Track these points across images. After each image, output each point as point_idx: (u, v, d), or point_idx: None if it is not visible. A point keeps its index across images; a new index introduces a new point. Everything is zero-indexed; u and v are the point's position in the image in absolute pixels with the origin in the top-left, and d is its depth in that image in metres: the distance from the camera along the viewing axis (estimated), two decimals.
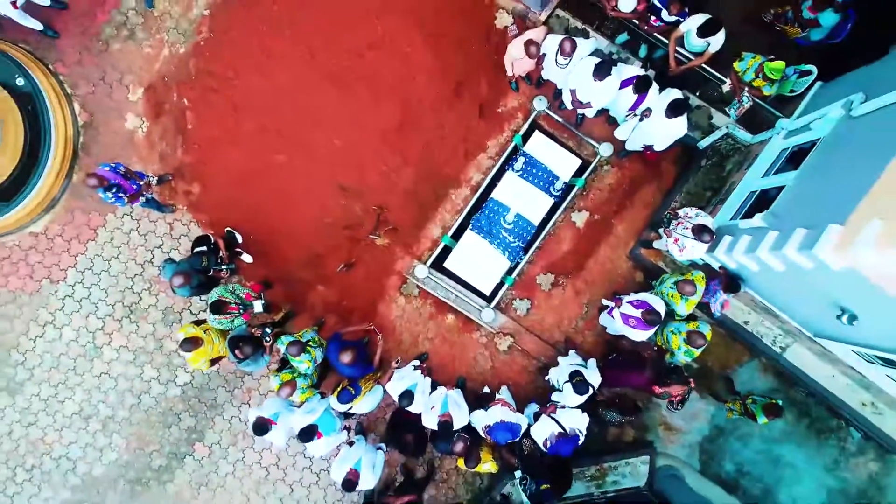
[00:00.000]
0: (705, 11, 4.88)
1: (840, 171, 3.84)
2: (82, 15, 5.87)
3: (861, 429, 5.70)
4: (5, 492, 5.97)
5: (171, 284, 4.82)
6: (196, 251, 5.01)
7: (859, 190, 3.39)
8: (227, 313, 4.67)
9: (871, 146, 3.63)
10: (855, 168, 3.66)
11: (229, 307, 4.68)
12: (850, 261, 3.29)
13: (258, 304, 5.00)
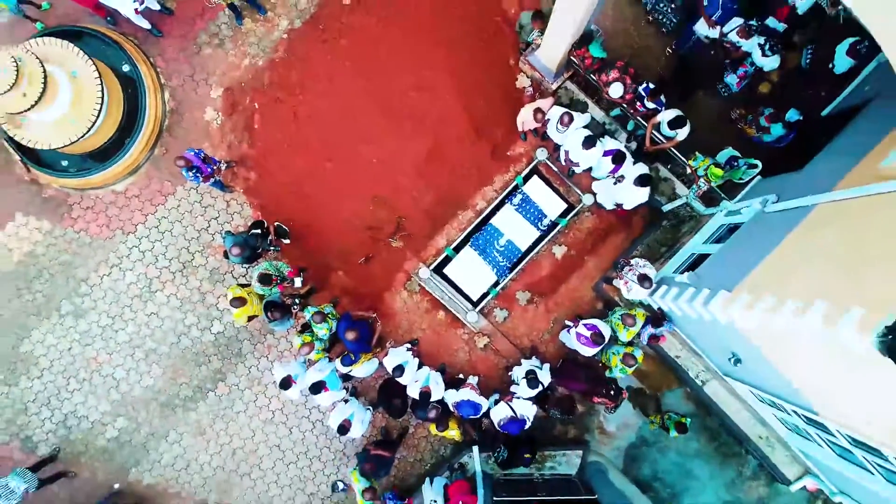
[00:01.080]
0: (689, 104, 6.28)
1: (745, 251, 5.21)
2: (184, 22, 7.26)
3: (757, 458, 7.06)
4: (58, 395, 7.34)
5: (229, 252, 6.21)
6: (252, 232, 6.39)
7: (748, 268, 4.76)
8: (271, 283, 6.05)
9: (767, 237, 4.99)
10: (753, 251, 5.02)
11: (273, 279, 6.06)
12: (730, 318, 4.66)
13: (298, 280, 6.39)
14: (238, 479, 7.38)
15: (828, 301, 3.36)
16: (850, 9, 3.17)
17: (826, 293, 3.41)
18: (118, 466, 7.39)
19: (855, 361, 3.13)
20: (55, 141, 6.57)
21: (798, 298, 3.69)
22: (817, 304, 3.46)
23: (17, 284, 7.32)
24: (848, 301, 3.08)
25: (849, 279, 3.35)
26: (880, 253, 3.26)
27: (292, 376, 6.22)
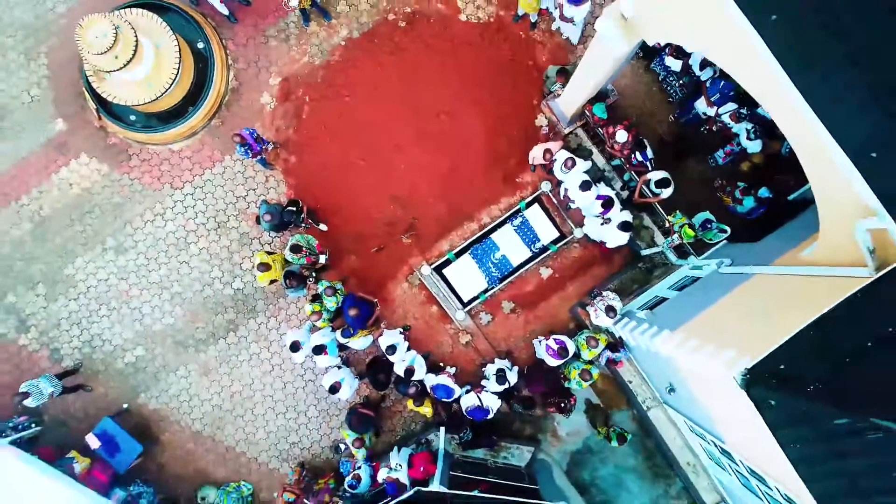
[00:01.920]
0: (681, 166, 7.34)
1: (695, 301, 6.27)
2: (258, 14, 8.32)
3: (682, 481, 8.13)
4: (89, 318, 8.40)
5: (262, 218, 7.26)
6: (288, 208, 7.45)
7: (692, 315, 5.83)
8: (300, 253, 7.11)
9: (713, 292, 6.05)
10: (700, 301, 6.08)
11: (303, 250, 7.12)
12: (668, 353, 5.72)
13: (323, 257, 7.47)
14: (232, 418, 8.43)
15: (732, 348, 4.41)
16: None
17: (732, 342, 4.46)
18: (129, 389, 8.44)
19: (732, 394, 4.16)
20: (131, 99, 7.63)
21: (714, 344, 4.75)
22: (726, 351, 4.51)
23: (72, 215, 8.38)
24: (739, 349, 4.12)
25: (745, 331, 4.39)
26: (767, 315, 4.30)
27: (300, 342, 7.30)
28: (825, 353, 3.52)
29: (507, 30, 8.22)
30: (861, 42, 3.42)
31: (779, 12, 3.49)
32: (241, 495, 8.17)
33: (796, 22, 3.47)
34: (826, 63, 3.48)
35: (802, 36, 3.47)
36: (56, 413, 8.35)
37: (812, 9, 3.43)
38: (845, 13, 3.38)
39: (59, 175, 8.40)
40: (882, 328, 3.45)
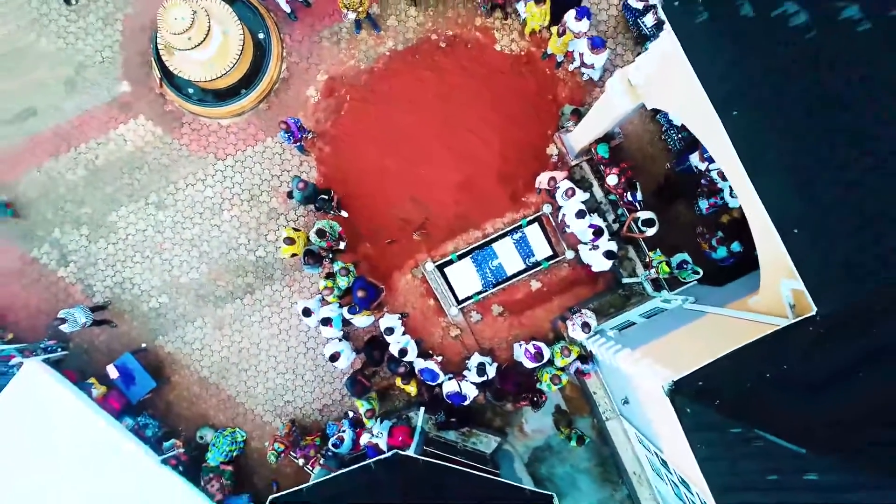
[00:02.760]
0: (669, 209, 8.36)
1: (657, 328, 7.29)
2: (316, 16, 9.34)
3: (628, 489, 9.15)
4: (124, 262, 9.41)
5: (296, 187, 8.26)
6: (321, 196, 8.46)
7: (651, 339, 6.84)
8: (324, 237, 8.13)
9: (673, 323, 7.07)
10: (661, 329, 7.10)
11: (326, 234, 8.14)
12: (626, 368, 6.73)
13: (343, 244, 8.49)
14: (237, 371, 9.45)
15: (670, 367, 5.42)
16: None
17: (672, 362, 5.47)
18: (150, 331, 9.45)
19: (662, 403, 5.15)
20: (193, 75, 8.65)
21: (660, 363, 5.76)
22: (665, 369, 5.52)
23: (123, 169, 9.41)
24: (674, 368, 5.12)
25: (684, 354, 5.39)
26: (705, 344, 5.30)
27: (311, 308, 8.33)
28: (732, 377, 4.52)
29: (534, 65, 9.24)
30: (797, 141, 4.42)
31: (739, 109, 4.50)
32: (235, 440, 9.18)
33: (751, 119, 4.47)
34: (768, 153, 4.49)
35: (753, 130, 4.48)
36: (81, 342, 9.37)
37: (763, 113, 4.43)
38: (788, 118, 4.38)
39: (118, 131, 9.42)
40: (779, 365, 4.46)
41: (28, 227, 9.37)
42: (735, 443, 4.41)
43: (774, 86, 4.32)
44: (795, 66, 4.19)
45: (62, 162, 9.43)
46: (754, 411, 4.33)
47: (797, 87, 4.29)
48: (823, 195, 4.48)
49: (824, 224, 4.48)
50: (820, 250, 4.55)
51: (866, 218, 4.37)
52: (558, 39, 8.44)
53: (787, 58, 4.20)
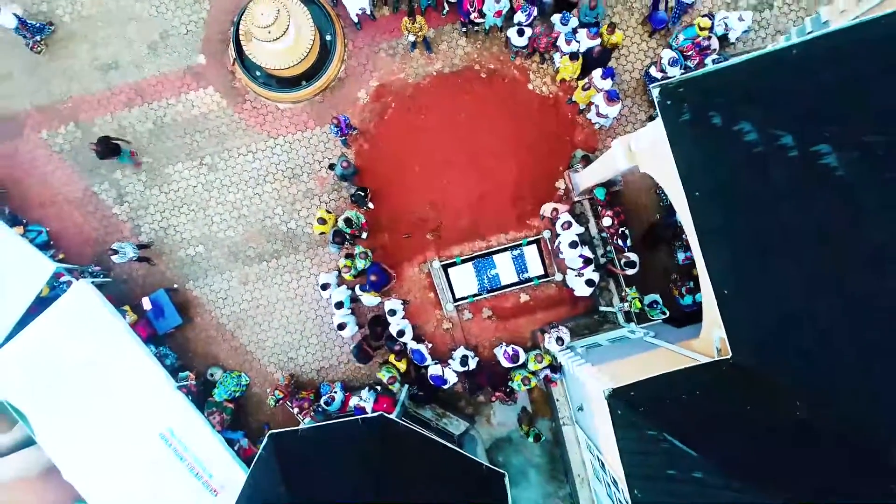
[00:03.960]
0: (652, 254, 9.81)
1: (618, 352, 8.72)
2: (379, 29, 10.77)
3: (570, 488, 10.59)
4: (171, 210, 10.82)
5: (340, 164, 9.69)
6: (358, 191, 9.89)
7: (611, 360, 8.27)
8: (350, 226, 9.57)
9: (631, 350, 8.51)
10: (620, 353, 8.53)
11: (352, 223, 9.57)
12: (584, 380, 8.16)
13: (365, 234, 9.95)
14: (252, 323, 10.87)
15: (616, 380, 6.83)
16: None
17: (618, 377, 6.88)
18: (182, 275, 10.87)
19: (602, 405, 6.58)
20: (265, 62, 10.06)
21: (609, 377, 7.19)
22: (611, 381, 6.94)
23: (186, 129, 10.83)
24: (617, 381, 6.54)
25: (629, 372, 6.82)
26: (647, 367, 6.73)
27: (329, 283, 9.78)
28: (657, 392, 5.95)
29: (559, 107, 10.68)
30: (736, 225, 5.85)
31: (700, 192, 5.93)
32: (240, 382, 10.61)
33: (707, 201, 5.90)
34: (715, 230, 5.92)
35: (707, 210, 5.91)
36: (121, 273, 10.79)
37: (716, 199, 5.86)
38: (732, 207, 5.81)
39: (188, 96, 10.84)
40: (692, 390, 5.89)
41: (95, 164, 10.78)
42: (648, 442, 5.85)
43: (727, 182, 5.75)
44: (744, 170, 5.62)
45: (134, 113, 10.84)
46: (667, 420, 5.76)
47: (745, 187, 5.72)
48: (751, 271, 5.92)
49: (749, 293, 5.91)
50: (743, 311, 5.99)
51: (782, 295, 5.81)
52: (583, 92, 9.89)
53: (739, 162, 5.63)
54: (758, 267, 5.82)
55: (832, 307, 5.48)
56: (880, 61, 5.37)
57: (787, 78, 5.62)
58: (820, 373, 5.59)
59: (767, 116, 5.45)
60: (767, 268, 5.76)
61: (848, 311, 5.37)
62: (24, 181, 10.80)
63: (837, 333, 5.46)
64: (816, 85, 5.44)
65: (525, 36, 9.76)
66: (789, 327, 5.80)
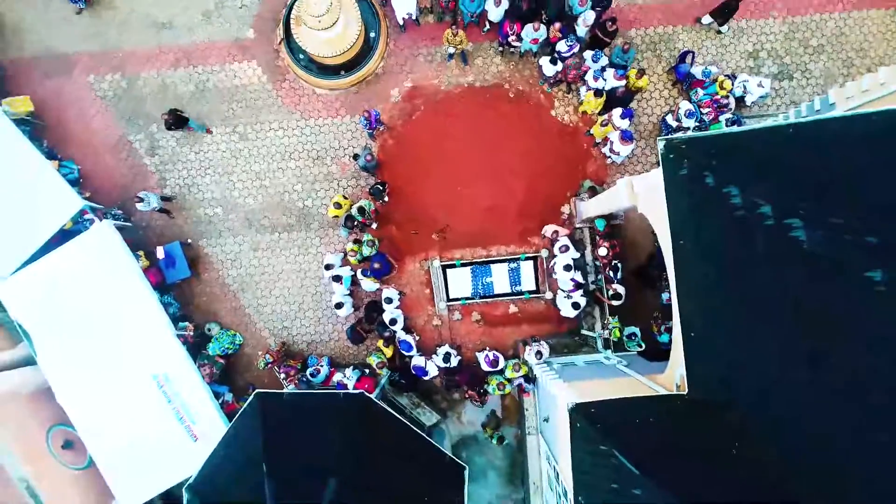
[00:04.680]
0: (641, 289, 10.46)
1: (590, 372, 9.37)
2: (421, 35, 11.42)
3: (525, 494, 11.24)
4: (198, 171, 11.48)
5: (364, 156, 10.35)
6: (377, 185, 10.55)
7: (581, 378, 8.92)
8: (363, 214, 10.23)
9: (601, 373, 9.15)
10: (592, 374, 9.18)
11: (365, 212, 10.23)
12: (554, 393, 8.81)
13: (374, 224, 10.60)
14: (254, 288, 11.53)
15: (581, 396, 7.48)
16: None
17: (584, 394, 7.53)
18: (197, 231, 11.53)
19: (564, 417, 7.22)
20: (310, 47, 10.72)
21: (577, 393, 7.83)
22: (576, 397, 7.59)
23: (224, 96, 11.50)
24: (582, 397, 7.19)
25: (595, 392, 7.47)
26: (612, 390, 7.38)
27: (333, 264, 10.44)
28: (615, 413, 6.60)
29: (577, 137, 11.33)
30: (711, 277, 6.50)
31: (684, 241, 6.58)
32: (234, 341, 11.27)
33: (689, 250, 6.55)
34: (691, 276, 6.58)
35: (687, 258, 6.56)
36: (141, 220, 11.45)
37: (695, 250, 6.52)
38: (708, 260, 6.46)
39: (232, 66, 11.51)
40: (647, 416, 6.55)
41: (134, 114, 11.44)
42: (599, 455, 6.50)
43: (709, 237, 6.40)
44: (726, 229, 6.26)
45: (178, 75, 11.51)
46: (619, 439, 6.42)
47: (724, 244, 6.37)
48: (717, 320, 6.57)
49: (712, 339, 6.56)
50: (704, 355, 6.64)
51: (741, 346, 6.45)
52: (601, 127, 10.54)
53: (722, 221, 6.27)
54: (724, 317, 6.46)
55: (784, 363, 6.13)
56: (863, 154, 6.01)
57: (778, 153, 6.25)
58: (761, 420, 6.23)
59: (753, 185, 6.09)
60: (733, 319, 6.41)
61: (797, 369, 6.01)
62: (66, 119, 11.46)
63: (785, 387, 6.11)
64: (801, 164, 6.08)
65: (558, 65, 10.41)
66: (742, 375, 6.45)
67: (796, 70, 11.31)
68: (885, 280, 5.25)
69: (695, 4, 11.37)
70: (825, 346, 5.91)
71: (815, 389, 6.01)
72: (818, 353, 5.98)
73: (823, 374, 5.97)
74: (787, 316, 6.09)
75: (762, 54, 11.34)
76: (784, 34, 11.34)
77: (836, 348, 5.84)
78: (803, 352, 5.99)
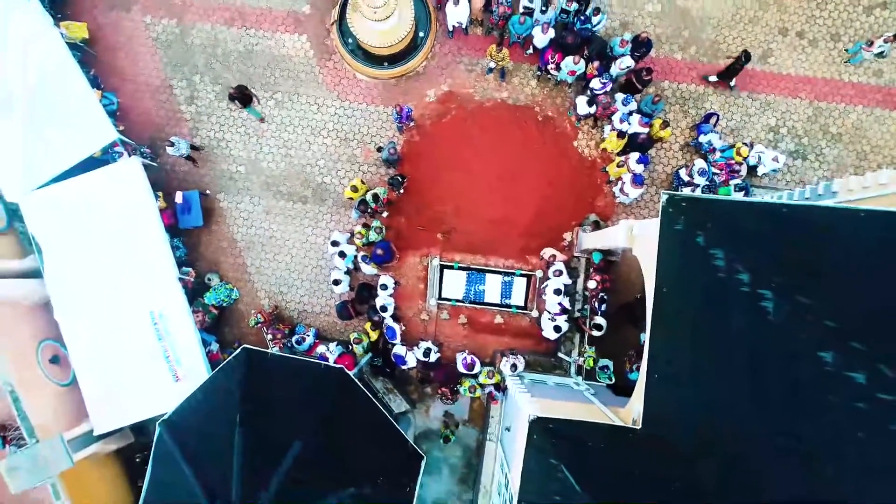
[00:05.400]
0: (624, 325, 11.03)
1: (557, 393, 9.94)
2: (466, 44, 11.98)
3: (473, 495, 11.80)
4: (231, 128, 12.02)
5: (388, 149, 10.93)
6: (397, 176, 11.11)
7: (548, 397, 9.48)
8: (376, 201, 10.79)
9: (568, 396, 9.72)
10: (559, 396, 9.74)
11: (379, 199, 10.79)
12: (521, 406, 9.37)
13: (385, 213, 11.16)
14: (260, 250, 12.07)
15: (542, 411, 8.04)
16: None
17: (545, 410, 8.09)
18: (218, 185, 12.08)
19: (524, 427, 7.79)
20: (360, 35, 11.27)
21: (538, 407, 8.39)
22: (535, 409, 8.15)
23: (269, 63, 12.05)
24: (544, 412, 7.76)
25: (555, 409, 8.03)
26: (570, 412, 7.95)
27: (339, 242, 11.01)
28: (569, 432, 7.18)
29: (594, 172, 11.90)
30: (680, 328, 7.06)
31: (668, 289, 7.14)
32: (230, 295, 11.81)
33: (669, 298, 7.12)
34: (665, 324, 7.14)
35: (666, 305, 7.12)
36: (166, 163, 12.00)
37: (673, 299, 7.08)
38: (682, 313, 7.03)
39: (282, 35, 12.06)
40: (597, 442, 7.12)
41: (181, 61, 11.98)
42: (548, 468, 7.08)
43: (690, 291, 6.97)
44: (705, 288, 6.84)
45: (230, 33, 12.06)
46: (569, 457, 6.99)
47: (701, 300, 6.94)
48: (681, 367, 7.14)
49: (673, 383, 7.13)
50: (663, 396, 7.21)
51: (698, 395, 7.02)
52: (616, 167, 11.11)
53: (704, 280, 6.84)
54: (688, 367, 7.04)
55: (733, 417, 6.70)
56: (843, 246, 6.60)
57: (768, 228, 6.83)
58: (704, 465, 6.80)
59: (738, 252, 6.66)
60: (695, 370, 6.98)
61: (744, 424, 6.59)
62: (116, 53, 12.01)
63: (731, 438, 6.69)
64: (785, 243, 6.65)
65: (593, 108, 10.99)
66: (694, 422, 7.03)
67: (811, 152, 11.89)
68: (834, 363, 5.82)
69: None
70: (775, 411, 6.50)
71: (758, 446, 6.60)
72: (766, 415, 6.56)
73: (768, 433, 6.56)
74: (745, 377, 6.68)
75: (783, 130, 11.90)
76: (808, 116, 11.91)
77: (784, 415, 6.42)
78: (753, 411, 6.57)
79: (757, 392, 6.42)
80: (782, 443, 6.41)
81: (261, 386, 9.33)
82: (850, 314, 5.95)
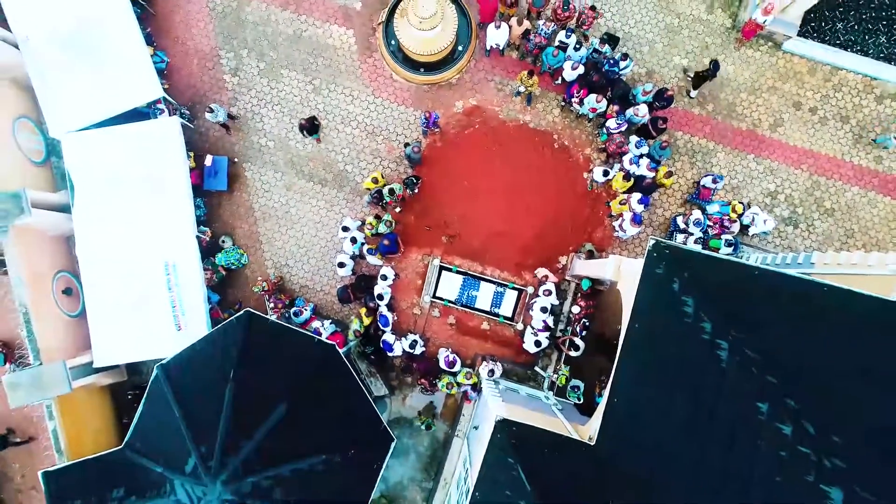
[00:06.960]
0: (600, 353, 11.88)
1: (528, 403, 10.77)
2: (500, 64, 12.81)
3: (434, 484, 12.63)
4: (267, 104, 12.85)
5: (412, 147, 11.76)
6: (412, 177, 11.94)
7: (516, 403, 10.32)
8: (392, 196, 11.63)
9: (537, 407, 10.56)
10: (529, 405, 10.58)
11: (395, 194, 11.63)
12: (491, 407, 10.21)
13: (398, 209, 12.00)
14: (275, 223, 12.90)
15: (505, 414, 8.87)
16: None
17: (515, 416, 8.91)
18: (244, 155, 12.91)
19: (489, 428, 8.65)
20: (403, 39, 12.08)
21: (502, 411, 9.22)
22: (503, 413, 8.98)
23: (315, 50, 12.89)
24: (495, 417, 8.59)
25: (524, 416, 8.86)
26: (534, 420, 8.78)
27: (350, 227, 11.85)
28: (529, 437, 8.01)
29: (598, 204, 12.73)
30: (653, 358, 7.89)
31: (640, 325, 7.98)
32: (240, 259, 12.64)
33: (640, 333, 7.95)
34: (634, 354, 7.98)
35: (637, 338, 7.96)
36: (201, 127, 12.84)
37: (643, 336, 7.91)
38: (651, 348, 7.86)
39: (331, 27, 12.89)
40: (554, 450, 7.96)
41: (233, 33, 12.81)
42: (504, 466, 7.93)
43: (658, 331, 7.80)
44: (673, 330, 7.68)
45: (283, 15, 12.89)
46: (525, 459, 7.84)
47: (667, 341, 7.77)
48: (640, 396, 7.98)
49: (630, 410, 7.97)
50: (618, 419, 8.05)
51: (651, 423, 7.85)
52: (619, 204, 11.95)
53: (672, 323, 7.68)
54: (645, 396, 7.88)
55: (677, 447, 7.54)
56: (802, 315, 7.43)
57: (737, 286, 7.67)
58: (644, 487, 7.64)
59: (706, 303, 7.50)
60: (650, 401, 7.83)
61: (685, 455, 7.43)
62: (173, 15, 12.83)
63: (672, 464, 7.53)
64: (750, 302, 7.49)
65: (609, 175, 11.95)
66: (642, 446, 7.88)
67: (804, 221, 12.72)
68: (768, 413, 6.65)
69: (742, 133, 12.77)
70: (712, 448, 7.33)
71: (691, 478, 7.43)
72: (703, 450, 7.40)
73: (702, 468, 7.40)
74: (692, 413, 7.51)
75: (780, 196, 12.74)
76: (806, 188, 12.75)
77: (717, 452, 7.26)
78: (693, 444, 7.41)
79: (700, 428, 7.26)
80: (711, 479, 7.25)
81: (258, 348, 10.18)
82: (789, 374, 6.77)
